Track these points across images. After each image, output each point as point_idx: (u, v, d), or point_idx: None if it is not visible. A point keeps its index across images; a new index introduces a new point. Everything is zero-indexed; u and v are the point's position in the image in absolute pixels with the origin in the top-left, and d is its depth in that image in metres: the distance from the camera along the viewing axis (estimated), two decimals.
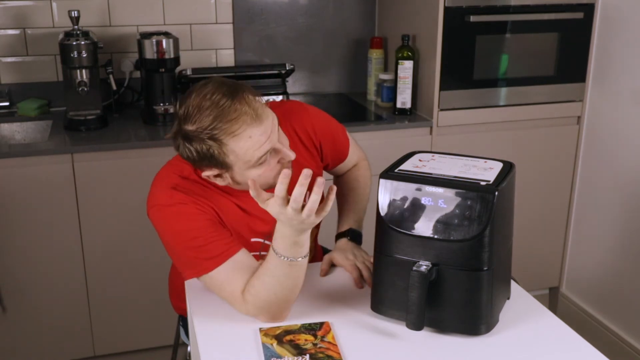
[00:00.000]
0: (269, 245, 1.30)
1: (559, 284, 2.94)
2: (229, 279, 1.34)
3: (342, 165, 1.73)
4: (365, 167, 1.78)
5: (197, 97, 1.29)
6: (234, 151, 1.30)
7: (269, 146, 1.32)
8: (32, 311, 2.32)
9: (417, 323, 1.22)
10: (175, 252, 1.40)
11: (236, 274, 1.34)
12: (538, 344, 1.27)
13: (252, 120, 1.28)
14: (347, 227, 1.64)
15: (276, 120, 1.35)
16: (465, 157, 1.37)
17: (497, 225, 1.21)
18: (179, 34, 2.58)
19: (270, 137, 1.32)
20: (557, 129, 2.70)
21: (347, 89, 3.02)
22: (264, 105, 1.34)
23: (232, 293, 1.34)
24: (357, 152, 1.77)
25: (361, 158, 1.78)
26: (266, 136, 1.31)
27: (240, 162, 1.32)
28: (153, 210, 1.40)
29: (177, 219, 1.37)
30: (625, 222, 2.55)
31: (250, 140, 1.29)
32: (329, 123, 1.66)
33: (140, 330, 2.43)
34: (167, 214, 1.38)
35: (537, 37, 2.57)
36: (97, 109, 2.45)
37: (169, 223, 1.38)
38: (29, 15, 2.56)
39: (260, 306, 1.32)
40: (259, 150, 1.30)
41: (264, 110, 1.32)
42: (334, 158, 1.68)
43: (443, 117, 2.53)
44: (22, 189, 2.19)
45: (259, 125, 1.29)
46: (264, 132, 1.30)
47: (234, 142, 1.29)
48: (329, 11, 2.91)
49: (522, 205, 2.13)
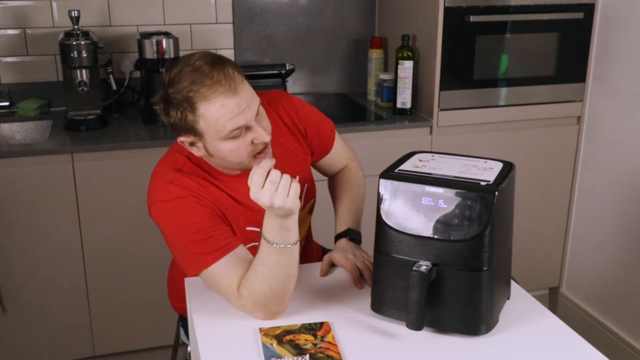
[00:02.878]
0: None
1: (559, 284, 2.94)
2: (226, 273, 1.35)
3: (330, 160, 1.73)
4: (356, 168, 1.78)
5: (181, 64, 1.33)
6: (205, 117, 1.31)
7: (242, 121, 1.32)
8: (32, 311, 2.32)
9: (417, 323, 1.22)
10: (177, 248, 1.41)
11: (234, 268, 1.35)
12: (538, 344, 1.27)
13: (227, 90, 1.30)
14: (345, 228, 1.64)
15: (257, 102, 1.36)
16: (465, 157, 1.37)
17: (497, 225, 1.21)
18: (179, 34, 2.58)
19: (245, 112, 1.32)
20: (557, 129, 2.70)
21: (347, 89, 3.02)
22: (245, 83, 1.35)
23: (229, 288, 1.34)
24: (346, 152, 1.77)
25: (350, 159, 1.78)
26: (239, 109, 1.31)
27: (211, 131, 1.33)
28: (153, 208, 1.41)
29: (177, 214, 1.38)
30: (625, 222, 2.55)
31: (222, 109, 1.30)
32: (312, 112, 1.67)
33: (140, 330, 2.43)
34: (166, 210, 1.39)
35: (537, 37, 2.57)
36: (97, 109, 2.45)
37: (169, 218, 1.39)
38: (29, 15, 2.56)
39: (254, 299, 1.32)
40: (230, 122, 1.31)
41: (243, 86, 1.33)
42: (319, 147, 1.68)
43: (443, 117, 2.53)
44: (22, 189, 2.19)
45: (233, 96, 1.30)
46: (238, 105, 1.31)
47: (205, 107, 1.30)
48: (329, 11, 2.91)
49: (522, 205, 2.13)
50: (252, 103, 1.34)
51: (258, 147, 1.38)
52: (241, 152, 1.36)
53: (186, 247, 1.37)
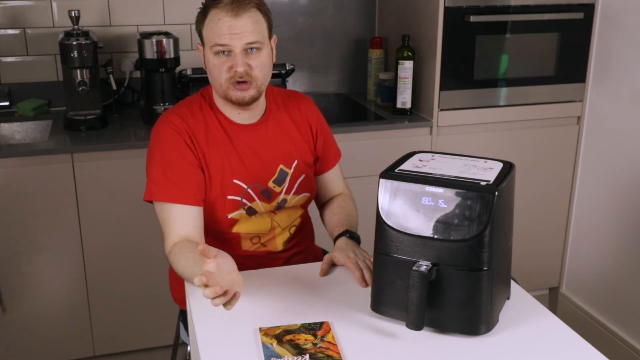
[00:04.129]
0: (251, 194, 1.54)
1: (559, 284, 2.94)
2: (171, 221, 1.49)
3: (327, 179, 1.78)
4: (350, 198, 1.82)
5: None
6: (206, 24, 1.49)
7: (226, 40, 1.46)
8: (32, 311, 2.32)
9: (417, 323, 1.22)
10: (148, 167, 1.54)
11: (179, 223, 1.49)
12: (538, 344, 1.27)
13: (230, 10, 1.45)
14: (343, 229, 1.65)
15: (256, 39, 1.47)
16: (465, 157, 1.37)
17: (497, 225, 1.21)
18: (179, 33, 2.58)
19: (234, 36, 1.45)
20: (557, 129, 2.70)
21: (347, 89, 3.02)
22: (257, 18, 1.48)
23: (167, 236, 1.49)
24: (344, 183, 1.84)
25: (347, 189, 1.83)
26: (230, 31, 1.45)
27: (207, 39, 1.50)
28: (155, 124, 1.57)
29: (163, 140, 1.52)
30: (625, 222, 2.55)
31: (218, 22, 1.46)
32: (326, 124, 1.77)
33: (140, 330, 2.43)
34: (159, 132, 1.54)
35: (537, 37, 2.57)
36: (97, 109, 2.45)
37: (156, 140, 1.54)
38: (29, 15, 2.56)
39: (175, 268, 1.47)
40: (217, 37, 1.46)
41: (249, 17, 1.46)
42: (323, 156, 1.74)
43: (443, 117, 2.53)
44: (22, 189, 2.19)
45: (232, 17, 1.45)
46: (231, 27, 1.45)
47: (210, 15, 1.48)
48: (329, 11, 2.91)
49: (522, 205, 2.13)
50: (249, 36, 1.46)
51: (236, 75, 1.49)
52: (221, 72, 1.49)
53: (153, 171, 1.52)
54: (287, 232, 1.67)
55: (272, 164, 1.62)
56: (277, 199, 1.63)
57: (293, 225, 1.69)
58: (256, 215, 1.61)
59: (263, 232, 1.64)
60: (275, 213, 1.64)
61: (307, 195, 1.69)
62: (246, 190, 1.58)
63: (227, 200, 1.57)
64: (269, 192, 1.61)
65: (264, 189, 1.60)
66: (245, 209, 1.59)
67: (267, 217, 1.63)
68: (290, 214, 1.67)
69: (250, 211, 1.60)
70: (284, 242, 1.67)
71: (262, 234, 1.64)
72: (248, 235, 1.62)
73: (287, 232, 1.67)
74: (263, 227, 1.63)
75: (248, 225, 1.61)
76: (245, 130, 1.60)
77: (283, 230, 1.66)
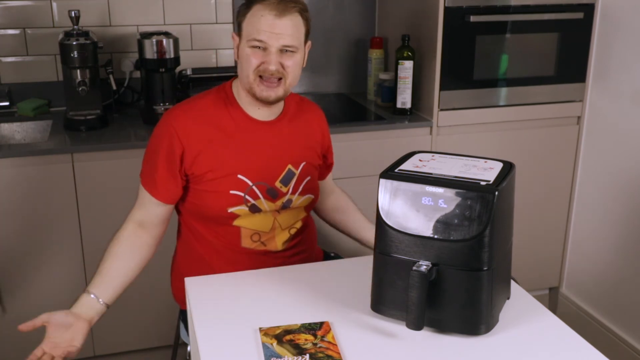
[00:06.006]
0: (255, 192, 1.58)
1: (559, 284, 2.94)
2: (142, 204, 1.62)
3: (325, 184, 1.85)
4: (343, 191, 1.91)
5: None
6: (248, 17, 1.51)
7: (264, 37, 1.48)
8: (32, 311, 2.31)
9: (417, 323, 1.22)
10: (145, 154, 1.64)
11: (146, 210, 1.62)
12: (538, 344, 1.27)
13: (275, 9, 1.47)
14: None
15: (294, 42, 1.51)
16: (465, 157, 1.37)
17: (497, 225, 1.21)
18: (179, 34, 2.58)
19: (273, 35, 1.48)
20: (557, 129, 2.70)
21: (347, 89, 3.02)
22: (299, 21, 1.52)
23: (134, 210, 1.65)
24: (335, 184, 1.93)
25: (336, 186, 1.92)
26: (271, 29, 1.48)
27: (246, 31, 1.52)
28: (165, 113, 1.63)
29: (157, 135, 1.59)
30: (625, 222, 2.55)
31: (261, 18, 1.48)
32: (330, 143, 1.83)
33: (140, 330, 2.43)
34: (159, 126, 1.60)
35: (537, 37, 2.57)
36: (97, 109, 2.45)
37: (154, 134, 1.61)
38: (29, 15, 2.56)
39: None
40: (257, 31, 1.48)
41: (292, 19, 1.49)
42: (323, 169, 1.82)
43: (443, 117, 2.53)
44: (22, 189, 2.19)
45: (275, 16, 1.47)
46: (272, 25, 1.48)
47: (254, 10, 1.50)
48: (329, 11, 2.91)
49: (522, 205, 2.13)
50: (287, 38, 1.49)
51: (266, 72, 1.51)
52: (251, 64, 1.51)
53: (144, 158, 1.64)
54: (286, 233, 1.67)
55: (281, 163, 1.63)
56: (282, 199, 1.63)
57: (294, 227, 1.69)
58: (260, 213, 1.62)
59: (264, 231, 1.64)
60: (279, 213, 1.65)
61: (311, 197, 1.69)
62: (251, 187, 1.59)
63: (230, 194, 1.57)
64: (275, 191, 1.62)
65: (269, 188, 1.61)
66: (249, 205, 1.59)
67: (270, 216, 1.63)
68: (293, 215, 1.67)
69: (254, 209, 1.60)
70: (283, 242, 1.67)
71: (262, 232, 1.64)
72: (248, 232, 1.63)
73: (287, 232, 1.67)
74: (265, 225, 1.64)
75: (249, 221, 1.62)
76: (262, 126, 1.61)
77: (283, 231, 1.66)
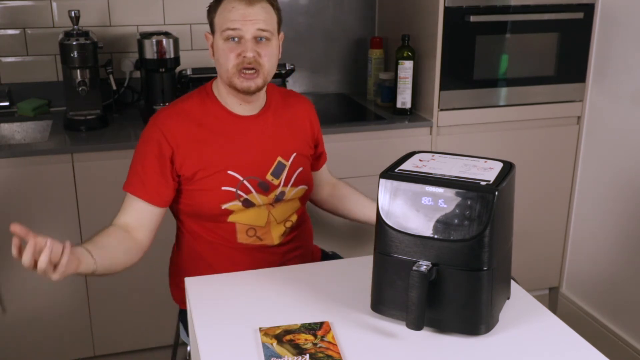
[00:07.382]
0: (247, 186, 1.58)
1: (559, 284, 2.94)
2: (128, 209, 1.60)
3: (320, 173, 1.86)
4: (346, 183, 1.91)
5: None
6: (219, 11, 1.54)
7: (238, 25, 1.50)
8: (32, 311, 2.32)
9: (417, 323, 1.22)
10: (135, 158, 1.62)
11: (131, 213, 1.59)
12: (538, 344, 1.27)
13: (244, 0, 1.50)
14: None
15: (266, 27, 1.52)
16: (465, 157, 1.37)
17: (497, 225, 1.21)
18: (179, 34, 2.58)
19: (246, 23, 1.50)
20: (557, 129, 2.70)
21: (347, 89, 3.02)
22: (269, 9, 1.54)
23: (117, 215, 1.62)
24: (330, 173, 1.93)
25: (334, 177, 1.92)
26: (243, 17, 1.50)
27: (218, 26, 1.54)
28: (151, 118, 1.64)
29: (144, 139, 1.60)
30: (625, 222, 2.55)
31: (232, 10, 1.51)
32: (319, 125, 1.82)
33: (140, 330, 2.43)
34: (146, 130, 1.61)
35: (537, 37, 2.57)
36: (97, 109, 2.45)
37: (141, 138, 1.62)
38: (29, 15, 2.56)
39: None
40: (230, 22, 1.51)
41: (262, 7, 1.52)
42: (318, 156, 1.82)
43: (443, 117, 2.53)
44: (22, 189, 2.19)
45: (246, 5, 1.50)
46: (244, 14, 1.50)
47: (222, 5, 1.53)
48: (329, 11, 2.91)
49: (522, 205, 2.13)
50: (260, 23, 1.51)
51: (244, 62, 1.52)
52: (228, 58, 1.52)
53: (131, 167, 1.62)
54: (282, 226, 1.68)
55: (270, 155, 1.64)
56: (275, 192, 1.64)
57: (289, 219, 1.69)
58: (254, 208, 1.62)
59: (259, 225, 1.64)
60: (273, 206, 1.65)
61: (305, 188, 1.70)
62: (242, 182, 1.59)
63: (221, 191, 1.58)
64: (267, 184, 1.62)
65: (261, 181, 1.61)
66: (242, 200, 1.60)
67: (264, 209, 1.64)
68: (287, 208, 1.68)
69: (247, 203, 1.61)
70: (279, 236, 1.67)
71: (257, 226, 1.64)
72: (244, 227, 1.63)
73: (282, 226, 1.68)
74: (259, 219, 1.64)
75: (244, 216, 1.62)
76: (246, 121, 1.62)
77: (278, 224, 1.67)
